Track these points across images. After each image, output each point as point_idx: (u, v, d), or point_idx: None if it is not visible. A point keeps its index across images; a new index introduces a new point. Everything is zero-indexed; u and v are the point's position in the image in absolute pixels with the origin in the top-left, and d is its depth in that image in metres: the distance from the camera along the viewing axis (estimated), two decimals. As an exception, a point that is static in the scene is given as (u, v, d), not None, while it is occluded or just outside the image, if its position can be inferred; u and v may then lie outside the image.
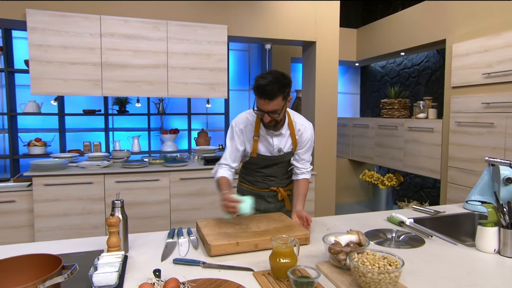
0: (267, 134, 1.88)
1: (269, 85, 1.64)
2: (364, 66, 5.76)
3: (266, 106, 1.68)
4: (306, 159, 2.00)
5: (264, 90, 1.65)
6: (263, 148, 1.91)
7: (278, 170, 2.00)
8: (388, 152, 4.41)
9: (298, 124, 1.93)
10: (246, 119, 1.90)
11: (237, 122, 1.91)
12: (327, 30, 3.93)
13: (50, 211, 3.19)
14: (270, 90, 1.64)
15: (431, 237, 1.65)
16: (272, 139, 1.89)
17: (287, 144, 1.93)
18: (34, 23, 3.11)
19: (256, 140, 1.88)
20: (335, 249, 1.26)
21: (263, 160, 1.94)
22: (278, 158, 1.94)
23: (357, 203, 5.36)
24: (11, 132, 4.00)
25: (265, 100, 1.66)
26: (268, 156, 1.92)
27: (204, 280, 1.18)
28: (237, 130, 1.90)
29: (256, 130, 1.87)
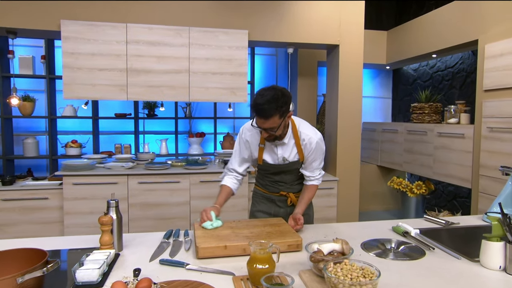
0: (271, 143, 1.90)
1: (265, 104, 1.65)
2: (396, 69, 5.56)
3: (263, 124, 1.72)
4: (315, 167, 1.97)
5: (260, 109, 1.67)
6: (268, 156, 1.93)
7: (286, 177, 2.01)
8: (417, 159, 4.21)
9: (303, 134, 1.90)
10: (252, 128, 1.88)
11: (244, 129, 1.96)
12: (351, 33, 3.85)
13: (78, 209, 3.38)
14: (267, 110, 1.66)
15: (433, 249, 1.56)
16: (276, 148, 1.91)
17: (292, 153, 1.91)
18: (67, 33, 3.33)
19: (262, 149, 1.92)
20: (316, 258, 1.23)
21: (269, 167, 1.97)
22: (284, 166, 1.94)
23: (385, 211, 5.17)
24: (50, 134, 4.30)
25: (261, 119, 1.70)
26: (272, 164, 1.94)
27: (180, 282, 1.20)
28: (243, 137, 1.95)
29: (262, 139, 1.89)
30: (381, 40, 5.01)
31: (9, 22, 3.34)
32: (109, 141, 4.74)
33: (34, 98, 4.29)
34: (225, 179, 2.01)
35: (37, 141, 4.39)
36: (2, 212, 3.35)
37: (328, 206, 3.89)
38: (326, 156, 4.29)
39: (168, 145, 4.65)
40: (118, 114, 4.46)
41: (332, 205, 3.91)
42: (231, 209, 3.65)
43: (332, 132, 4.04)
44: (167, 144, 4.61)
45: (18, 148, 4.48)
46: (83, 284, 1.18)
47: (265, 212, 2.09)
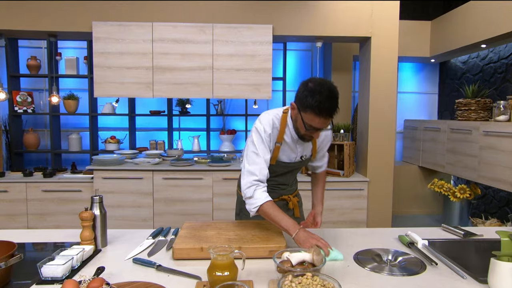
0: (292, 141, 1.69)
1: (333, 104, 1.45)
2: (443, 63, 5.10)
3: (325, 124, 1.50)
4: (325, 154, 1.95)
5: (331, 108, 1.46)
6: (284, 155, 1.72)
7: (290, 178, 1.90)
8: (461, 160, 3.83)
9: None
10: (273, 122, 1.64)
11: (264, 125, 1.62)
12: (384, 24, 3.59)
13: (107, 202, 3.53)
14: (335, 109, 1.47)
15: (436, 264, 1.38)
16: (296, 146, 1.72)
17: (308, 149, 1.80)
18: (98, 34, 3.49)
19: (278, 147, 1.68)
20: (281, 269, 1.13)
21: (280, 168, 1.76)
22: (297, 164, 1.80)
23: (427, 215, 4.78)
24: (91, 130, 4.56)
25: (326, 119, 1.47)
26: (287, 163, 1.75)
27: (138, 284, 1.17)
28: (266, 136, 1.61)
29: (280, 136, 1.66)
30: (424, 31, 4.62)
31: (49, 26, 3.57)
32: (146, 138, 4.91)
33: (78, 97, 4.57)
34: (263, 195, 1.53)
35: (80, 137, 4.67)
36: (42, 202, 3.60)
37: (357, 209, 3.68)
38: (357, 155, 4.07)
39: (200, 142, 4.72)
40: (153, 111, 4.60)
41: (362, 208, 3.69)
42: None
43: (363, 130, 3.81)
44: (199, 141, 4.67)
45: (65, 143, 4.81)
46: (49, 279, 1.19)
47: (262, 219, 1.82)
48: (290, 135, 1.67)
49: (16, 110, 4.46)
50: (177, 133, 4.98)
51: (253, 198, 1.51)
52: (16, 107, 4.46)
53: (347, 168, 3.69)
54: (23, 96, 4.52)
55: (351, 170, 3.78)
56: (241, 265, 1.20)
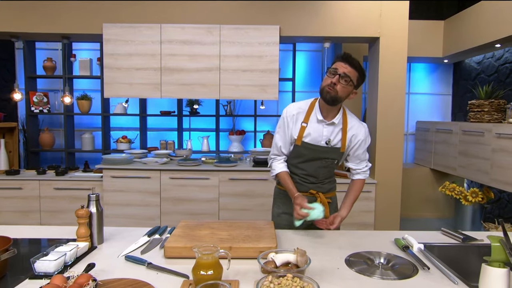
0: (317, 122, 1.82)
1: (352, 56, 1.74)
2: (457, 63, 4.99)
3: (344, 68, 1.70)
4: (361, 158, 1.92)
5: (349, 56, 1.73)
6: (310, 136, 1.82)
7: (320, 170, 1.89)
8: (473, 163, 3.73)
9: (351, 121, 1.87)
10: (298, 106, 1.87)
11: (288, 109, 1.88)
12: (393, 25, 3.53)
13: (115, 200, 3.61)
14: (354, 60, 1.73)
15: (428, 269, 1.36)
16: (323, 128, 1.82)
17: (336, 137, 1.83)
18: (108, 35, 3.57)
19: (304, 127, 1.82)
20: (265, 269, 1.14)
21: (306, 150, 1.83)
22: (323, 150, 1.83)
23: (438, 219, 4.68)
24: (104, 130, 4.66)
25: (345, 64, 1.70)
26: (313, 145, 1.82)
27: (126, 281, 1.20)
28: (288, 117, 1.85)
29: (307, 117, 1.83)
30: (437, 31, 4.53)
31: (62, 28, 3.67)
32: (157, 137, 4.99)
33: (91, 97, 4.68)
34: (278, 166, 1.92)
35: (93, 136, 4.79)
36: (55, 199, 3.70)
37: (364, 211, 3.64)
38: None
39: (210, 142, 4.76)
40: (163, 112, 4.66)
41: (369, 210, 3.64)
42: (259, 209, 3.60)
43: (371, 132, 3.76)
44: (208, 141, 4.71)
45: (78, 142, 4.93)
46: (42, 274, 1.23)
47: (291, 214, 1.92)
48: (315, 116, 1.82)
49: (33, 110, 4.60)
50: (187, 133, 5.04)
51: (271, 167, 1.96)
52: (32, 107, 4.60)
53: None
54: (39, 97, 4.66)
55: (358, 172, 3.74)
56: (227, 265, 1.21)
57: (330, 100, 1.74)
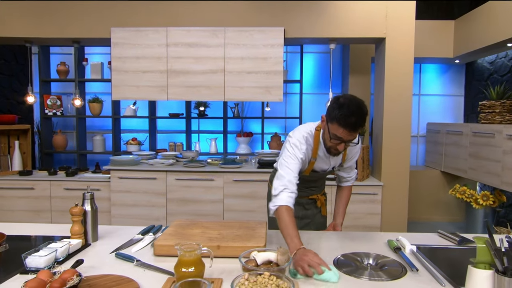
0: (324, 155, 1.81)
1: (359, 120, 1.53)
2: (469, 63, 4.88)
3: (349, 136, 1.58)
4: (353, 167, 2.01)
5: (356, 122, 1.53)
6: (318, 167, 1.87)
7: (320, 181, 2.05)
8: (484, 165, 3.64)
9: None
10: (306, 139, 1.74)
11: (300, 141, 1.71)
12: (400, 25, 3.49)
13: (123, 201, 3.68)
14: (359, 124, 1.55)
15: (417, 270, 1.33)
16: (329, 160, 1.85)
17: (339, 160, 1.90)
18: (116, 39, 3.65)
19: (313, 162, 1.81)
20: (245, 268, 1.14)
21: (313, 177, 1.93)
22: (328, 173, 1.95)
23: (449, 223, 4.57)
24: (114, 132, 4.75)
25: (350, 132, 1.56)
26: (319, 173, 1.91)
27: (111, 277, 1.22)
28: (303, 149, 1.69)
29: (315, 152, 1.78)
30: (447, 31, 4.45)
31: (73, 33, 3.77)
32: (167, 139, 5.05)
33: (102, 100, 4.79)
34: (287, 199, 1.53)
35: (104, 138, 4.89)
36: (64, 199, 3.80)
37: (370, 213, 3.59)
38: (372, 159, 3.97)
39: (218, 144, 4.79)
40: (172, 114, 4.73)
41: (375, 213, 3.59)
42: (263, 210, 3.60)
43: (378, 134, 3.72)
44: (216, 143, 4.74)
45: (90, 144, 5.05)
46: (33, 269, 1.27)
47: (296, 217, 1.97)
48: (323, 150, 1.79)
49: (47, 113, 4.74)
50: (196, 135, 5.09)
51: (278, 196, 1.54)
52: (46, 110, 4.74)
53: (361, 172, 3.61)
54: (53, 100, 4.79)
55: (365, 174, 3.70)
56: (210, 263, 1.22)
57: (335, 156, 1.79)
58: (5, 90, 4.79)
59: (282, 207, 1.49)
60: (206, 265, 1.21)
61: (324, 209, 2.10)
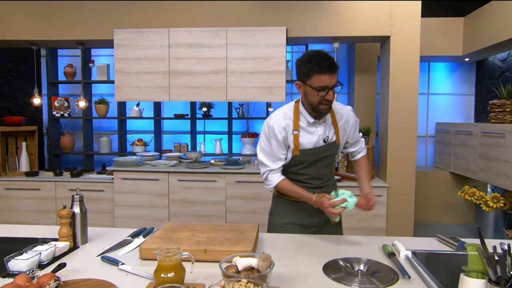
0: (308, 125, 1.72)
1: (331, 60, 1.56)
2: (479, 61, 4.74)
3: (332, 80, 1.56)
4: (358, 138, 1.90)
5: (330, 63, 1.55)
6: (305, 141, 1.72)
7: (323, 170, 1.81)
8: (494, 166, 3.52)
9: (336, 109, 1.79)
10: (284, 114, 1.72)
11: (276, 120, 1.71)
12: (405, 23, 3.41)
13: (126, 202, 3.69)
14: (334, 64, 1.56)
15: (409, 277, 1.28)
16: (316, 129, 1.73)
17: (331, 132, 1.77)
18: (118, 41, 3.66)
19: (297, 135, 1.70)
20: (225, 274, 1.11)
21: (307, 156, 1.74)
22: (323, 149, 1.75)
23: (458, 225, 4.45)
24: (120, 133, 4.78)
25: (330, 74, 1.55)
26: (311, 149, 1.73)
27: (93, 281, 1.20)
28: (279, 129, 1.69)
29: (296, 124, 1.70)
30: (456, 28, 4.33)
31: (77, 35, 3.81)
32: (173, 140, 5.06)
33: (108, 101, 4.82)
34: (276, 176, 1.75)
35: (110, 139, 4.92)
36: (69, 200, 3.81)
37: (375, 215, 3.52)
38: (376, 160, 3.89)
39: (223, 144, 4.77)
40: (177, 115, 4.72)
41: (381, 215, 3.52)
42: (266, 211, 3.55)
43: (383, 134, 3.65)
44: (221, 144, 4.72)
45: (97, 145, 5.09)
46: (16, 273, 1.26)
47: (297, 224, 1.83)
48: (305, 120, 1.72)
49: (54, 114, 4.80)
50: (202, 136, 5.08)
51: (267, 180, 1.77)
52: (54, 112, 4.80)
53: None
54: (60, 101, 4.85)
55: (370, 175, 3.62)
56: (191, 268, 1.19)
57: (327, 113, 1.68)
58: (15, 92, 4.87)
59: (277, 185, 1.75)
60: (188, 270, 1.18)
61: None
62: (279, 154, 1.73)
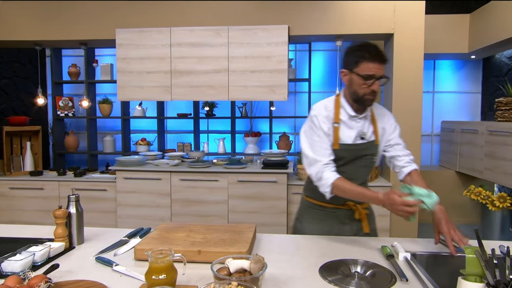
0: (349, 119, 1.68)
1: (379, 49, 1.55)
2: (486, 59, 4.66)
3: (380, 69, 1.54)
4: (399, 141, 1.78)
5: (380, 53, 1.55)
6: (344, 135, 1.67)
7: (360, 170, 1.73)
8: (500, 165, 3.45)
9: (376, 108, 1.76)
10: (325, 106, 1.69)
11: (319, 111, 1.67)
12: (408, 20, 3.37)
13: (128, 201, 3.69)
14: (383, 55, 1.55)
15: (406, 280, 1.25)
16: (356, 124, 1.69)
17: (369, 130, 1.71)
18: (120, 40, 3.66)
19: (337, 128, 1.66)
20: (216, 276, 1.09)
21: (345, 152, 1.66)
22: (361, 147, 1.68)
23: (464, 225, 4.37)
24: (123, 133, 4.79)
25: (379, 64, 1.54)
26: (350, 144, 1.67)
27: (84, 283, 1.20)
28: (321, 118, 1.65)
29: (336, 116, 1.66)
30: (462, 25, 4.26)
31: (80, 35, 3.82)
32: (177, 140, 5.06)
33: (111, 101, 4.83)
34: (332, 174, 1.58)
35: (114, 139, 4.94)
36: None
37: (379, 215, 3.42)
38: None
39: (226, 144, 4.75)
40: (180, 114, 4.72)
41: (384, 214, 3.47)
42: (268, 211, 3.55)
43: (387, 133, 3.60)
44: (224, 143, 4.71)
45: (101, 144, 5.11)
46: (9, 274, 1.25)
47: (325, 232, 1.74)
48: (346, 113, 1.68)
49: (59, 114, 4.82)
50: (206, 135, 5.07)
51: (322, 179, 1.59)
52: (58, 111, 4.83)
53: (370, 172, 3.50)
54: (64, 101, 4.87)
55: (373, 175, 3.59)
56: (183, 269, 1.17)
57: (370, 104, 1.65)
58: (20, 92, 4.91)
59: (334, 182, 1.56)
60: (180, 271, 1.17)
61: (366, 224, 1.76)
62: (327, 146, 1.64)
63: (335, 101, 1.71)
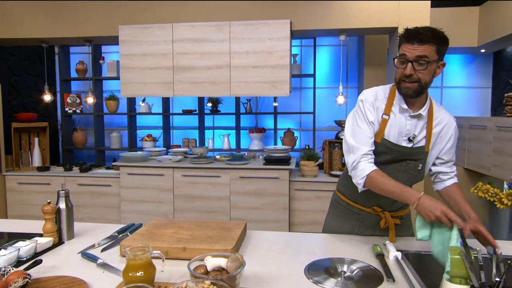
0: (400, 112, 1.48)
1: (422, 30, 1.36)
2: (496, 53, 4.52)
3: (414, 51, 1.35)
4: (452, 158, 1.57)
5: (415, 33, 1.36)
6: (391, 132, 1.48)
7: (398, 175, 1.51)
8: (509, 162, 3.35)
9: (438, 112, 1.52)
10: (376, 92, 1.52)
11: (366, 95, 1.51)
12: (413, 13, 3.28)
13: (132, 197, 3.72)
14: (423, 34, 1.34)
15: (393, 281, 1.21)
16: (405, 120, 1.48)
17: (421, 133, 1.49)
18: (123, 37, 3.68)
19: (386, 120, 1.47)
20: (193, 275, 1.07)
21: (386, 149, 1.49)
22: (406, 151, 1.49)
23: (472, 224, 4.27)
24: (130, 129, 4.83)
25: (413, 44, 1.35)
26: (393, 143, 1.49)
27: (64, 279, 1.20)
28: (367, 105, 1.49)
29: (388, 108, 1.48)
30: (471, 18, 4.14)
31: (84, 32, 3.85)
32: (183, 136, 5.07)
33: (118, 97, 4.87)
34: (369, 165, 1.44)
35: (120, 135, 4.99)
36: (78, 195, 3.90)
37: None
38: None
39: (231, 140, 4.74)
40: (185, 110, 4.73)
41: (388, 212, 3.41)
42: (270, 207, 3.52)
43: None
44: (229, 139, 4.70)
45: (108, 140, 5.16)
46: (-6, 268, 1.26)
47: (346, 232, 1.66)
48: (398, 106, 1.48)
49: (67, 111, 4.89)
50: (211, 131, 5.07)
51: (358, 169, 1.44)
52: (66, 108, 4.89)
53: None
54: (72, 98, 4.94)
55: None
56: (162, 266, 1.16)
57: (412, 95, 1.42)
58: (30, 89, 4.99)
59: (369, 174, 1.40)
60: (159, 268, 1.16)
61: (392, 234, 1.58)
62: (371, 135, 1.48)
63: (390, 90, 1.52)
